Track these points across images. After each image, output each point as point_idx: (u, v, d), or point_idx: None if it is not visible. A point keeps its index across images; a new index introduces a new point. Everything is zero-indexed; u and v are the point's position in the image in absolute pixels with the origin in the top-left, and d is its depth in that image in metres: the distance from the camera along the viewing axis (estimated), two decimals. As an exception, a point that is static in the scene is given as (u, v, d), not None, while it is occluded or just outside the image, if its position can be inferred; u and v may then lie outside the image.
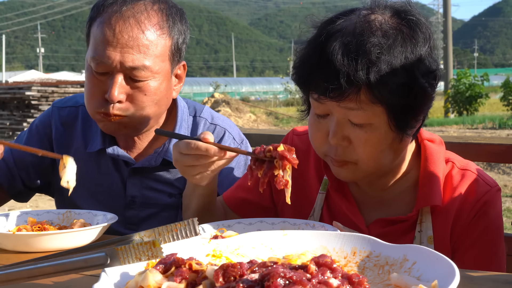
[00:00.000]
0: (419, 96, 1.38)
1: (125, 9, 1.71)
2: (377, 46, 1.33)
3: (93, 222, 1.59)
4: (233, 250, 1.10)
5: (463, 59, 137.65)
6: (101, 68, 1.71)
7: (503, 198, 8.32)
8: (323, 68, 1.36)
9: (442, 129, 18.92)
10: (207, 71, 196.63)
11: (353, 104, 1.36)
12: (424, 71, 1.38)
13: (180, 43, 1.81)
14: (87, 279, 1.19)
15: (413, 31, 1.38)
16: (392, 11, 1.41)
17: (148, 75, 1.72)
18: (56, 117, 1.97)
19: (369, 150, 1.41)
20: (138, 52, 1.70)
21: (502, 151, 2.18)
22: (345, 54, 1.33)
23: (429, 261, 0.98)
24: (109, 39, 1.69)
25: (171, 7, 1.80)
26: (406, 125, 1.41)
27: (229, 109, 21.76)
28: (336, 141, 1.42)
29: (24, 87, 18.12)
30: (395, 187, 1.57)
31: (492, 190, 1.51)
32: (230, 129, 1.94)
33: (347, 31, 1.36)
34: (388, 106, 1.36)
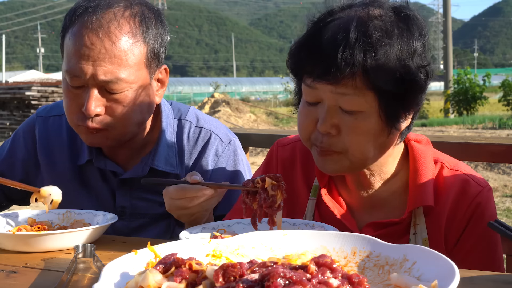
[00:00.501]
0: (412, 87, 1.39)
1: (94, 19, 1.64)
2: (376, 31, 1.35)
3: (93, 222, 1.59)
4: (233, 250, 1.10)
5: (463, 59, 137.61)
6: (75, 82, 1.66)
7: (503, 198, 8.33)
8: (319, 51, 1.37)
9: (442, 129, 18.92)
10: (207, 71, 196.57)
11: (348, 89, 1.36)
12: (417, 64, 1.39)
13: (157, 48, 1.73)
14: (82, 278, 1.19)
15: (409, 25, 1.40)
16: (390, 6, 1.43)
17: (123, 87, 1.66)
18: (41, 127, 1.92)
19: (357, 139, 1.41)
20: (111, 64, 1.63)
21: (502, 151, 2.18)
22: (344, 38, 1.34)
23: (429, 261, 0.98)
24: (80, 52, 1.63)
25: (145, 11, 1.72)
26: (396, 116, 1.41)
27: (229, 109, 21.76)
28: (325, 128, 1.41)
29: (24, 87, 18.13)
30: (385, 189, 1.56)
31: (484, 191, 1.51)
32: (216, 131, 1.90)
33: (345, 19, 1.38)
34: (381, 93, 1.37)
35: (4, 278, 1.22)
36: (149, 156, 1.83)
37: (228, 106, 22.05)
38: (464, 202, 1.50)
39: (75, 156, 1.87)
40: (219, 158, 1.86)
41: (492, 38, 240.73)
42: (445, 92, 27.63)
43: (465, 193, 1.51)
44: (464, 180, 1.52)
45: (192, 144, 1.87)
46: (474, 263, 1.47)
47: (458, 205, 1.50)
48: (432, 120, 22.26)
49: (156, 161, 1.81)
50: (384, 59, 1.34)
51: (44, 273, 1.25)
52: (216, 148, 1.87)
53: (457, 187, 1.51)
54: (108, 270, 0.96)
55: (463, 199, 1.50)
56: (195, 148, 1.87)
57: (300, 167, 1.67)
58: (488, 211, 1.51)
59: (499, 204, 7.98)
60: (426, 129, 19.31)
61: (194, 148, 1.87)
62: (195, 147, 1.87)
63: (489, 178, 9.64)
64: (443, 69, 29.69)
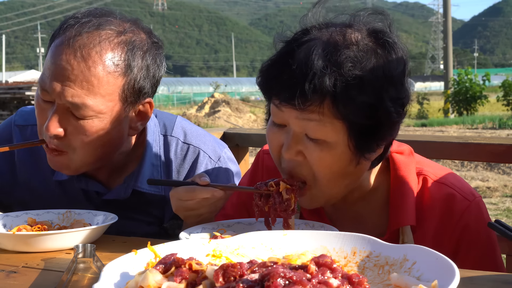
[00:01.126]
0: (383, 119, 1.31)
1: (78, 38, 1.53)
2: (349, 59, 1.27)
3: (93, 222, 1.59)
4: (233, 250, 1.10)
5: (463, 59, 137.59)
6: (45, 96, 1.57)
7: (503, 198, 8.33)
8: (289, 72, 1.30)
9: (442, 129, 18.91)
10: (207, 71, 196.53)
11: (314, 115, 1.29)
12: (392, 96, 1.31)
13: (139, 81, 1.59)
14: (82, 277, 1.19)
15: (387, 52, 1.32)
16: (369, 30, 1.35)
17: (90, 114, 1.54)
18: (19, 138, 1.81)
19: (323, 170, 1.35)
20: (80, 88, 1.52)
21: (502, 151, 2.18)
22: (315, 61, 1.27)
23: (429, 261, 0.98)
24: (54, 68, 1.54)
25: (136, 40, 1.59)
26: (366, 147, 1.34)
27: (229, 109, 21.75)
28: (289, 155, 1.36)
29: (24, 87, 18.14)
30: (365, 203, 1.50)
31: (471, 206, 1.44)
32: (204, 147, 1.80)
33: (320, 40, 1.31)
34: (350, 123, 1.30)
35: (4, 278, 1.22)
36: (132, 176, 1.73)
37: (228, 106, 22.05)
38: (450, 221, 1.43)
39: (55, 172, 1.75)
40: (210, 175, 1.74)
41: (492, 38, 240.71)
42: (445, 92, 27.63)
43: (450, 211, 1.43)
44: (449, 195, 1.44)
45: (180, 161, 1.79)
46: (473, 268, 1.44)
47: (444, 224, 1.43)
48: (432, 120, 22.25)
49: (139, 183, 1.72)
50: (355, 90, 1.27)
51: (44, 273, 1.25)
52: (206, 166, 1.79)
53: (442, 204, 1.44)
54: (108, 270, 0.96)
55: (449, 218, 1.43)
56: (182, 167, 1.78)
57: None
58: (481, 227, 1.44)
59: (499, 204, 7.98)
60: (426, 129, 19.29)
61: (181, 166, 1.78)
62: (183, 165, 1.78)
63: (489, 178, 9.63)
64: (443, 69, 29.68)
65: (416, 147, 2.25)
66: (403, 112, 1.36)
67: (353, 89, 1.27)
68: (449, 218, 1.43)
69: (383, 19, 1.38)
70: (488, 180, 9.41)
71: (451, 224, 1.43)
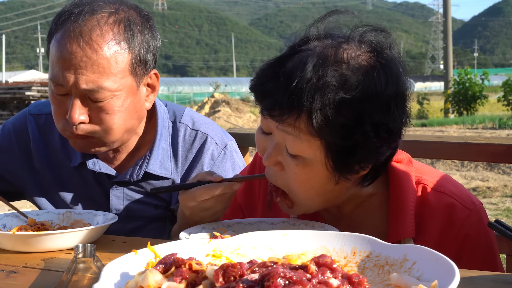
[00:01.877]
0: (361, 143, 1.26)
1: (76, 26, 1.59)
2: (333, 78, 1.24)
3: (93, 222, 1.59)
4: (233, 250, 1.10)
5: (463, 59, 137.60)
6: (59, 90, 1.63)
7: (503, 198, 8.33)
8: (273, 83, 1.29)
9: (442, 129, 18.92)
10: (207, 71, 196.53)
11: (291, 129, 1.27)
12: (375, 120, 1.25)
13: (143, 54, 1.67)
14: (81, 277, 1.19)
15: (378, 75, 1.27)
16: (366, 47, 1.30)
17: (107, 95, 1.62)
18: (33, 126, 1.88)
19: (298, 185, 1.34)
20: (93, 73, 1.59)
21: (502, 151, 2.18)
22: (300, 75, 1.24)
23: (429, 261, 0.98)
24: (62, 60, 1.59)
25: (131, 16, 1.66)
26: (345, 168, 1.30)
27: (229, 109, 21.76)
28: (268, 163, 1.35)
29: (24, 87, 18.13)
30: (362, 212, 1.48)
31: (472, 215, 1.41)
32: (212, 134, 1.86)
33: (310, 53, 1.28)
34: (327, 143, 1.27)
35: (4, 278, 1.22)
36: (143, 159, 1.80)
37: (228, 106, 22.05)
38: (451, 232, 1.41)
39: (67, 157, 1.84)
40: (215, 162, 1.84)
41: (492, 38, 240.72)
42: (445, 92, 27.63)
43: (451, 221, 1.41)
44: (449, 204, 1.42)
45: (188, 147, 1.85)
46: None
47: (445, 235, 1.41)
48: (432, 120, 22.26)
49: (151, 165, 1.79)
50: (333, 110, 1.23)
51: (44, 273, 1.25)
52: (212, 152, 1.84)
53: (442, 214, 1.42)
54: (108, 270, 0.96)
55: (450, 229, 1.41)
56: (190, 151, 1.84)
57: None
58: (482, 235, 1.42)
59: (499, 204, 7.99)
60: (426, 129, 19.30)
61: (189, 151, 1.84)
62: (191, 150, 1.84)
63: (489, 178, 9.64)
64: (443, 69, 29.68)
65: (416, 147, 2.27)
66: (392, 136, 1.30)
67: (330, 109, 1.23)
68: (449, 228, 1.41)
69: (385, 37, 1.34)
70: (488, 180, 9.41)
71: (451, 234, 1.41)
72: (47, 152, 1.87)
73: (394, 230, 1.42)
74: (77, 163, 1.81)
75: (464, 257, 1.42)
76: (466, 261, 1.41)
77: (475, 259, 1.42)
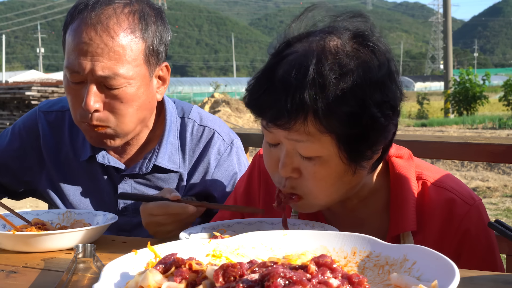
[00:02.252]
0: (370, 126, 1.27)
1: (94, 15, 1.65)
2: (328, 70, 1.24)
3: (93, 222, 1.59)
4: (233, 250, 1.10)
5: (463, 59, 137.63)
6: (75, 78, 1.67)
7: (503, 198, 8.33)
8: (270, 93, 1.28)
9: (442, 129, 18.92)
10: (207, 71, 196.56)
11: (301, 136, 1.28)
12: (377, 101, 1.27)
13: (156, 45, 1.73)
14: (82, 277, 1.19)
15: (369, 56, 1.29)
16: (349, 35, 1.31)
17: (122, 82, 1.66)
18: (44, 122, 1.92)
19: (319, 184, 1.33)
20: (109, 60, 1.64)
21: (502, 151, 2.18)
22: (293, 80, 1.24)
23: (429, 261, 0.98)
24: (79, 47, 1.64)
25: (144, 8, 1.73)
26: (360, 156, 1.32)
27: (229, 109, 21.76)
28: (285, 173, 1.34)
29: (24, 87, 18.12)
30: (364, 208, 1.49)
31: (472, 210, 1.42)
32: (219, 130, 1.90)
33: (298, 54, 1.28)
34: (337, 136, 1.27)
35: (4, 278, 1.22)
36: (152, 153, 1.84)
37: (228, 106, 22.05)
38: (451, 227, 1.42)
39: (77, 152, 1.88)
40: (221, 157, 1.88)
41: (492, 38, 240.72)
42: (445, 92, 27.63)
43: (451, 217, 1.42)
44: (450, 199, 1.43)
45: (195, 142, 1.88)
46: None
47: (445, 230, 1.42)
48: (432, 120, 22.26)
49: (160, 159, 1.83)
50: (337, 102, 1.24)
51: (44, 273, 1.25)
52: (219, 148, 1.88)
53: (442, 209, 1.43)
54: (108, 270, 0.96)
55: (450, 224, 1.42)
56: (197, 146, 1.88)
57: None
58: (479, 229, 1.43)
59: (499, 204, 7.99)
60: (426, 129, 19.30)
61: (196, 146, 1.88)
62: (198, 145, 1.88)
63: (489, 178, 9.64)
64: (443, 69, 29.68)
65: (416, 147, 2.26)
66: (394, 113, 1.32)
67: (333, 101, 1.24)
68: (449, 223, 1.42)
69: (364, 21, 1.35)
70: (488, 180, 9.41)
71: (451, 229, 1.42)
72: (56, 147, 1.91)
73: (396, 223, 1.43)
74: (87, 157, 1.85)
75: (464, 252, 1.42)
76: (466, 256, 1.42)
77: (475, 255, 1.43)
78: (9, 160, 1.92)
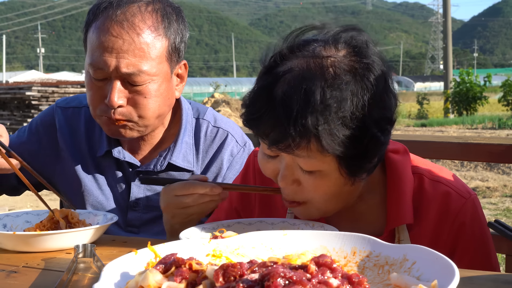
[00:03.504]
0: (371, 145, 1.30)
1: (119, 13, 1.68)
2: (329, 97, 1.23)
3: (93, 222, 1.59)
4: (233, 250, 1.10)
5: (463, 59, 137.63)
6: (99, 75, 1.70)
7: (502, 198, 8.33)
8: (271, 115, 1.27)
9: (442, 129, 18.92)
10: (207, 71, 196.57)
11: (303, 153, 1.29)
12: (376, 118, 1.28)
13: (178, 43, 1.78)
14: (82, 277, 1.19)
15: (366, 73, 1.28)
16: (347, 51, 1.30)
17: (145, 79, 1.70)
18: (61, 117, 1.96)
19: (320, 195, 1.37)
20: (133, 57, 1.67)
21: (502, 151, 2.18)
22: (294, 104, 1.24)
23: (429, 261, 0.98)
24: (104, 44, 1.67)
25: (166, 7, 1.77)
26: (358, 170, 1.34)
27: (229, 109, 21.76)
28: (285, 184, 1.37)
29: (24, 87, 18.13)
30: (362, 203, 1.50)
31: (467, 204, 1.44)
32: (233, 132, 1.93)
33: (297, 74, 1.27)
34: (338, 156, 1.29)
35: (5, 278, 1.22)
36: (167, 151, 1.86)
37: (228, 106, 22.05)
38: (447, 219, 1.43)
39: (92, 148, 1.91)
40: (234, 159, 1.90)
41: (492, 38, 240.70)
42: (445, 92, 27.63)
43: (447, 209, 1.44)
44: (445, 193, 1.44)
45: (209, 143, 1.91)
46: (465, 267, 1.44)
47: (441, 222, 1.44)
48: (432, 120, 22.26)
49: (175, 157, 1.85)
50: (338, 127, 1.25)
51: (45, 273, 1.26)
52: (232, 149, 1.90)
53: (439, 202, 1.44)
54: (108, 270, 0.96)
55: (446, 216, 1.43)
56: (211, 147, 1.90)
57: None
58: (474, 222, 1.44)
59: (499, 204, 7.99)
60: (426, 129, 19.30)
61: (210, 147, 1.90)
62: (212, 146, 1.90)
63: (489, 178, 9.64)
64: (443, 69, 29.68)
65: (416, 147, 2.26)
66: (391, 127, 1.34)
67: (335, 126, 1.24)
68: (445, 216, 1.44)
69: (358, 35, 1.33)
70: (488, 180, 9.41)
71: (447, 222, 1.43)
72: (72, 142, 1.94)
73: (393, 217, 1.44)
74: (103, 152, 1.87)
75: (459, 245, 1.43)
76: (461, 249, 1.43)
77: (470, 247, 1.44)
78: (27, 154, 1.94)
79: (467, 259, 1.43)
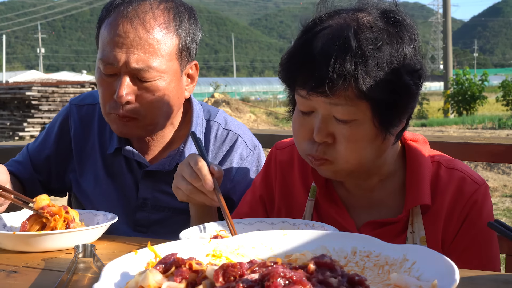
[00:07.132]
0: (404, 93, 1.40)
1: (130, 9, 1.71)
2: (365, 41, 1.35)
3: (93, 222, 1.59)
4: (233, 250, 1.10)
5: (463, 59, 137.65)
6: (108, 70, 1.71)
7: (502, 198, 8.33)
8: (311, 63, 1.37)
9: (442, 129, 18.92)
10: (207, 71, 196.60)
11: (340, 100, 1.36)
12: (409, 70, 1.39)
13: (189, 42, 1.79)
14: (82, 277, 1.20)
15: (399, 30, 1.40)
16: (378, 11, 1.42)
17: (155, 75, 1.71)
18: (75, 115, 1.97)
19: (352, 146, 1.42)
20: (143, 52, 1.69)
21: (502, 151, 2.18)
22: (334, 49, 1.34)
23: (429, 261, 0.98)
24: (115, 40, 1.69)
25: (178, 6, 1.79)
26: (390, 122, 1.42)
27: (229, 109, 21.76)
28: (320, 137, 1.42)
29: (24, 87, 18.11)
30: (382, 188, 1.57)
31: (481, 189, 1.52)
32: (243, 135, 1.93)
33: (335, 27, 1.38)
34: (373, 102, 1.37)
35: (5, 278, 1.22)
36: (177, 152, 1.86)
37: (228, 106, 22.05)
38: (461, 201, 1.51)
39: (103, 145, 1.93)
40: (243, 162, 1.90)
41: (492, 38, 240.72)
42: (444, 92, 27.63)
43: (461, 192, 1.51)
44: (461, 178, 1.53)
45: (219, 145, 1.91)
46: (468, 262, 1.47)
47: (456, 204, 1.51)
48: (431, 120, 22.25)
49: (184, 157, 1.84)
50: (375, 70, 1.35)
51: (45, 273, 1.26)
52: (241, 152, 1.90)
53: (454, 186, 1.52)
54: (108, 270, 0.96)
55: (460, 198, 1.51)
56: (221, 149, 1.91)
57: (298, 169, 1.68)
58: (485, 208, 1.52)
59: (499, 204, 7.99)
60: (426, 129, 19.29)
61: (220, 149, 1.91)
62: (221, 148, 1.91)
63: (489, 178, 9.64)
64: (443, 69, 29.68)
65: (416, 147, 2.26)
66: (420, 83, 1.44)
67: (372, 69, 1.34)
68: (460, 197, 1.51)
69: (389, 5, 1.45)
70: (488, 180, 9.41)
71: (461, 202, 1.51)
72: (85, 140, 1.95)
73: (412, 196, 1.51)
74: (113, 150, 1.88)
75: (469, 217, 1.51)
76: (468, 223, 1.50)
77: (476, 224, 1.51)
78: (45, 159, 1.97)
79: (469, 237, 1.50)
